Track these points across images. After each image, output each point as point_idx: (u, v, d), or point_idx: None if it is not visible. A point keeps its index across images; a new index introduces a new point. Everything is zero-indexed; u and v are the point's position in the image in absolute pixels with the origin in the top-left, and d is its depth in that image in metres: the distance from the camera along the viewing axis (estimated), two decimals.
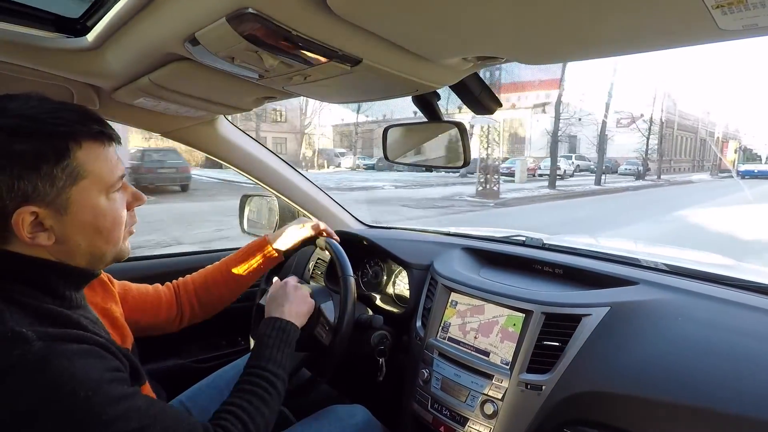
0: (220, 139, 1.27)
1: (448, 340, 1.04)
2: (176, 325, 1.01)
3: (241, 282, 1.07)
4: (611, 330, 0.85)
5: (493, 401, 0.90)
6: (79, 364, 0.52)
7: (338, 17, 0.51)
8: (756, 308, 0.82)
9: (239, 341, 1.52)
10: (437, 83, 0.76)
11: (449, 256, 1.22)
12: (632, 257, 1.10)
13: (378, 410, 1.08)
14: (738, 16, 0.41)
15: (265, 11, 0.50)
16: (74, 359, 0.52)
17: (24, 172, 0.54)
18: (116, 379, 0.55)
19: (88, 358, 0.54)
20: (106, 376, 0.54)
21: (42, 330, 0.53)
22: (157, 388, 0.86)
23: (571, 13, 0.47)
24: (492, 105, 0.88)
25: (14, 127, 0.54)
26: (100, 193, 0.61)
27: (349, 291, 1.00)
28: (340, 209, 1.59)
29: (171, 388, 1.02)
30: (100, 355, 0.56)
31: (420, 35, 0.58)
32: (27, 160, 0.54)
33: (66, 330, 0.55)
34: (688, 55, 53.08)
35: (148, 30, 0.66)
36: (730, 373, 0.72)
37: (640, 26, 0.49)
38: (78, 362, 0.52)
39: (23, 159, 0.54)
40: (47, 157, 0.55)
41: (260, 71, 0.69)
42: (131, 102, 0.96)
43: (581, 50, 0.58)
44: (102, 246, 0.63)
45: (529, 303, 0.93)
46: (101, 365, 0.55)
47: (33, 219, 0.56)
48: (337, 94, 0.89)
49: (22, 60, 0.80)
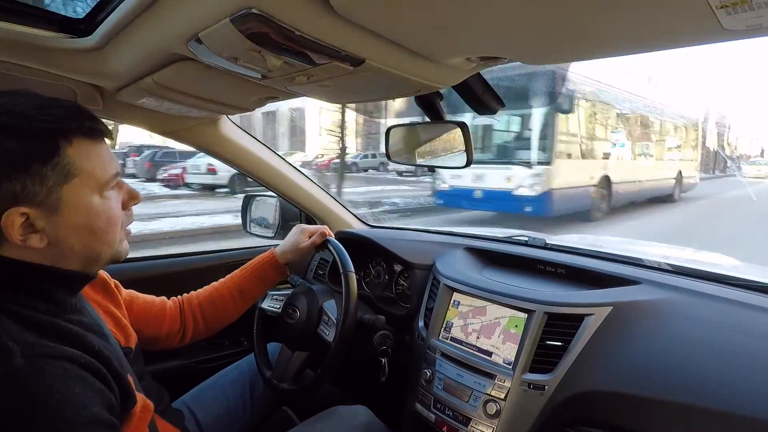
0: (223, 139, 1.27)
1: (450, 340, 1.04)
2: (178, 340, 1.00)
3: (248, 298, 1.08)
4: (614, 330, 0.85)
5: (496, 401, 0.90)
6: (57, 392, 0.48)
7: (341, 17, 0.52)
8: (759, 308, 0.82)
9: (242, 342, 1.52)
10: (440, 83, 0.76)
11: (452, 256, 1.22)
12: (635, 257, 1.10)
13: (380, 411, 1.08)
14: (742, 17, 0.41)
15: (269, 12, 0.50)
16: (55, 383, 0.48)
17: (11, 171, 0.52)
18: (94, 422, 0.50)
19: (73, 385, 0.50)
20: (84, 415, 0.49)
21: (28, 343, 0.50)
22: (161, 389, 0.86)
23: (575, 13, 0.47)
24: (495, 105, 0.88)
25: (0, 125, 0.52)
26: (93, 192, 0.59)
27: (350, 288, 1.00)
28: (343, 209, 1.59)
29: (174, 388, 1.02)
30: (85, 382, 0.52)
31: (423, 35, 0.58)
32: (14, 159, 0.52)
33: (55, 346, 0.52)
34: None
35: (151, 30, 0.66)
36: (734, 372, 0.72)
37: (644, 26, 0.49)
38: (57, 388, 0.48)
39: (10, 157, 0.52)
40: (36, 156, 0.53)
41: (263, 71, 0.69)
42: (135, 102, 0.97)
43: (585, 50, 0.58)
44: (97, 247, 0.61)
45: (532, 303, 0.93)
46: (84, 398, 0.50)
47: (24, 221, 0.54)
48: (339, 95, 0.89)
49: (26, 60, 0.80)
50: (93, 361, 0.54)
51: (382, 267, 1.40)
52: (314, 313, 1.08)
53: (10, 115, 0.53)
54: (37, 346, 0.50)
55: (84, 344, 0.56)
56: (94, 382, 0.53)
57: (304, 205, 1.51)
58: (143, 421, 0.64)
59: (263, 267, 1.08)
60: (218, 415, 1.05)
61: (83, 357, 0.53)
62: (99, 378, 0.54)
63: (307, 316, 1.08)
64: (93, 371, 0.53)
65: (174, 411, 0.91)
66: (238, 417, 1.08)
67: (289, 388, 1.07)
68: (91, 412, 0.50)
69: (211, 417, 1.04)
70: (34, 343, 0.51)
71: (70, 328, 0.57)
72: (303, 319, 1.08)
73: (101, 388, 0.53)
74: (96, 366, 0.54)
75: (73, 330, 0.57)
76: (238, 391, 1.12)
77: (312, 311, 1.08)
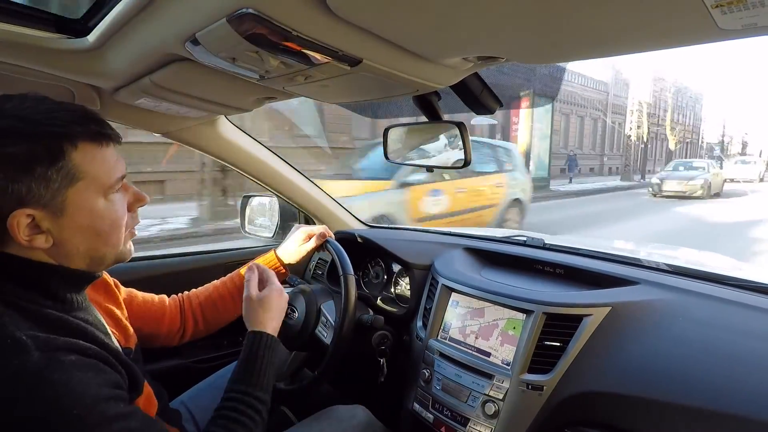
0: (221, 139, 1.27)
1: (448, 341, 1.04)
2: (177, 339, 1.01)
3: None
4: (612, 330, 0.85)
5: (494, 401, 0.90)
6: (76, 378, 0.51)
7: (338, 17, 0.52)
8: (757, 308, 0.82)
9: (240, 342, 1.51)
10: (438, 83, 0.76)
11: (450, 256, 1.22)
12: (633, 257, 1.10)
13: (379, 411, 1.08)
14: (737, 16, 0.41)
15: (266, 12, 0.50)
16: (72, 372, 0.51)
17: (17, 174, 0.53)
18: (113, 397, 0.54)
19: (87, 372, 0.53)
20: (102, 393, 0.53)
21: (41, 337, 0.52)
22: (159, 389, 0.86)
23: (571, 13, 0.47)
24: (493, 104, 0.88)
25: (6, 129, 0.53)
26: (98, 195, 0.60)
27: (349, 288, 1.00)
28: (342, 210, 1.59)
29: (172, 388, 1.01)
30: (98, 368, 0.55)
31: (420, 35, 0.58)
32: (20, 162, 0.53)
33: (66, 339, 0.54)
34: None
35: (149, 30, 0.66)
36: (732, 373, 0.72)
37: (640, 26, 0.49)
38: (75, 376, 0.51)
39: (16, 161, 0.53)
40: (41, 159, 0.54)
41: (261, 72, 0.69)
42: (132, 102, 0.97)
43: (581, 50, 0.58)
44: (101, 248, 0.63)
45: (530, 303, 0.93)
46: (99, 380, 0.53)
47: (29, 221, 0.55)
48: (337, 95, 0.89)
49: (23, 61, 0.80)
50: (102, 351, 0.57)
51: (380, 267, 1.40)
52: (312, 314, 1.08)
53: (17, 119, 0.54)
54: (49, 340, 0.52)
55: (94, 338, 0.58)
56: (105, 368, 0.56)
57: (303, 205, 1.51)
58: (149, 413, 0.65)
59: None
60: None
61: (92, 348, 0.56)
62: (109, 365, 0.57)
63: (306, 317, 1.08)
64: (103, 360, 0.56)
65: (172, 411, 0.91)
66: None
67: (286, 387, 1.07)
68: (108, 389, 0.54)
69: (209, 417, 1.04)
70: (47, 337, 0.53)
71: (78, 323, 0.59)
72: (301, 320, 1.08)
73: (111, 372, 0.57)
74: (104, 355, 0.57)
75: (81, 326, 0.59)
76: None
77: (310, 312, 1.08)
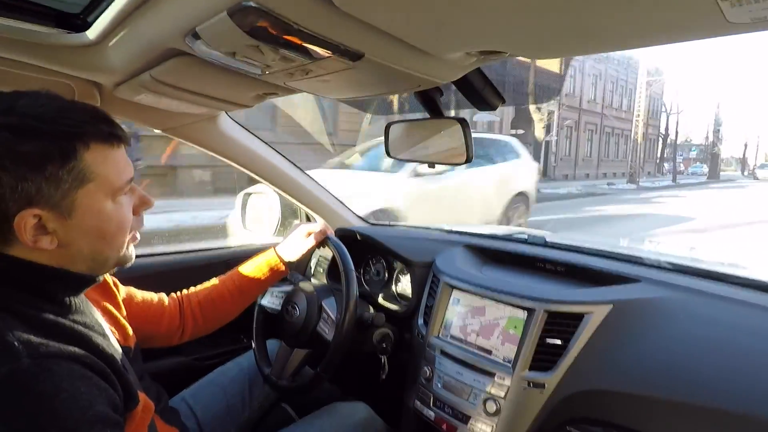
0: (222, 135, 1.27)
1: (450, 338, 1.04)
2: (177, 338, 1.00)
3: (248, 296, 1.07)
4: (614, 328, 0.84)
5: (496, 399, 0.90)
6: (63, 394, 0.48)
7: (340, 11, 0.51)
8: (758, 306, 0.82)
9: (241, 339, 1.51)
10: (440, 78, 0.75)
11: (451, 253, 1.22)
12: (635, 255, 1.09)
13: (380, 408, 1.08)
14: (747, 9, 0.40)
15: (266, 5, 0.49)
16: (60, 385, 0.49)
17: (28, 173, 0.52)
18: (100, 421, 0.50)
19: (75, 382, 0.50)
20: (88, 416, 0.49)
21: (34, 343, 0.50)
22: (158, 389, 0.85)
23: (576, 7, 0.47)
24: (495, 101, 0.87)
25: (20, 127, 0.52)
26: (107, 197, 0.59)
27: (350, 286, 1.00)
28: (343, 207, 1.59)
29: (173, 385, 1.01)
30: (89, 379, 0.52)
31: (423, 30, 0.57)
32: (31, 161, 0.52)
33: (59, 346, 0.52)
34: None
35: (149, 25, 0.65)
36: (733, 370, 0.72)
37: (647, 20, 0.48)
38: (63, 390, 0.48)
39: (28, 159, 0.52)
40: (53, 158, 0.53)
41: (261, 66, 0.69)
42: (132, 98, 0.96)
43: (587, 44, 0.58)
44: (105, 251, 0.62)
45: (532, 301, 0.92)
46: (89, 396, 0.50)
47: (36, 222, 0.54)
48: (338, 90, 0.89)
49: (23, 56, 0.79)
50: (97, 361, 0.55)
51: (381, 264, 1.39)
52: (314, 311, 1.08)
53: (29, 117, 0.53)
54: (42, 347, 0.51)
55: (89, 344, 0.56)
56: (99, 381, 0.53)
57: (304, 202, 1.51)
58: (144, 421, 0.64)
59: (264, 266, 1.08)
60: (217, 412, 1.05)
61: (88, 357, 0.54)
62: (103, 377, 0.54)
63: (307, 314, 1.08)
64: (97, 371, 0.54)
65: (172, 409, 0.91)
66: (237, 414, 1.08)
67: (288, 385, 1.06)
68: (96, 410, 0.50)
69: (210, 414, 1.04)
70: (40, 343, 0.51)
71: (74, 328, 0.57)
72: (302, 317, 1.08)
73: (105, 387, 0.54)
74: (100, 366, 0.55)
75: (78, 330, 0.57)
76: (237, 387, 1.11)
77: (311, 309, 1.08)
